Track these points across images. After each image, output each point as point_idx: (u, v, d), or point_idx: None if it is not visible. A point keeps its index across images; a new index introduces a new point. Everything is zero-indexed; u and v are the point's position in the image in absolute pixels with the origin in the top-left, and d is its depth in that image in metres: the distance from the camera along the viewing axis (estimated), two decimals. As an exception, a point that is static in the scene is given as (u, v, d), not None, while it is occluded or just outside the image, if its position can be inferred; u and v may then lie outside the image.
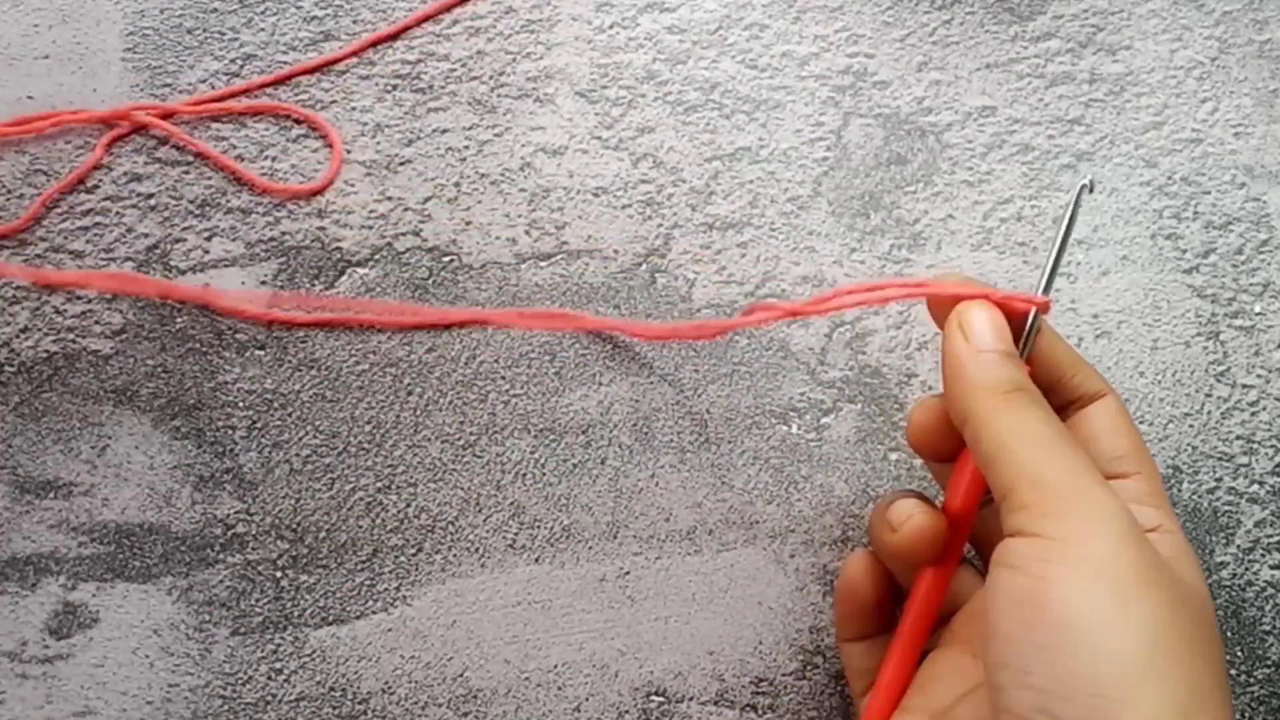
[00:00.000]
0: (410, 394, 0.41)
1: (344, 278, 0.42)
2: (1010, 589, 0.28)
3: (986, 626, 0.28)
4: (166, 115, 0.44)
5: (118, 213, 0.43)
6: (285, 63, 0.45)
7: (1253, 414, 0.43)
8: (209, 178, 0.43)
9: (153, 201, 0.43)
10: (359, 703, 0.38)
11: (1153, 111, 0.47)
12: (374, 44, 0.46)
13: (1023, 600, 0.27)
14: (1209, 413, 0.43)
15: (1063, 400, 0.34)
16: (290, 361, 0.41)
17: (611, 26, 0.47)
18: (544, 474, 0.41)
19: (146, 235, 0.43)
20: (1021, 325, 0.33)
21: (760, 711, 0.39)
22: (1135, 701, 0.25)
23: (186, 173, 0.44)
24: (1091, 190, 0.35)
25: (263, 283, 0.42)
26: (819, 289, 0.44)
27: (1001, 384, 0.31)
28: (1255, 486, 0.42)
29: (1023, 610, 0.27)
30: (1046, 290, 0.34)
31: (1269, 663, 0.40)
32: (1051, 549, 0.27)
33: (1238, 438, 0.43)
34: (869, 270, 0.44)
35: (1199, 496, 0.42)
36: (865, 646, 0.36)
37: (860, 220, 0.45)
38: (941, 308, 0.34)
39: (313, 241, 0.43)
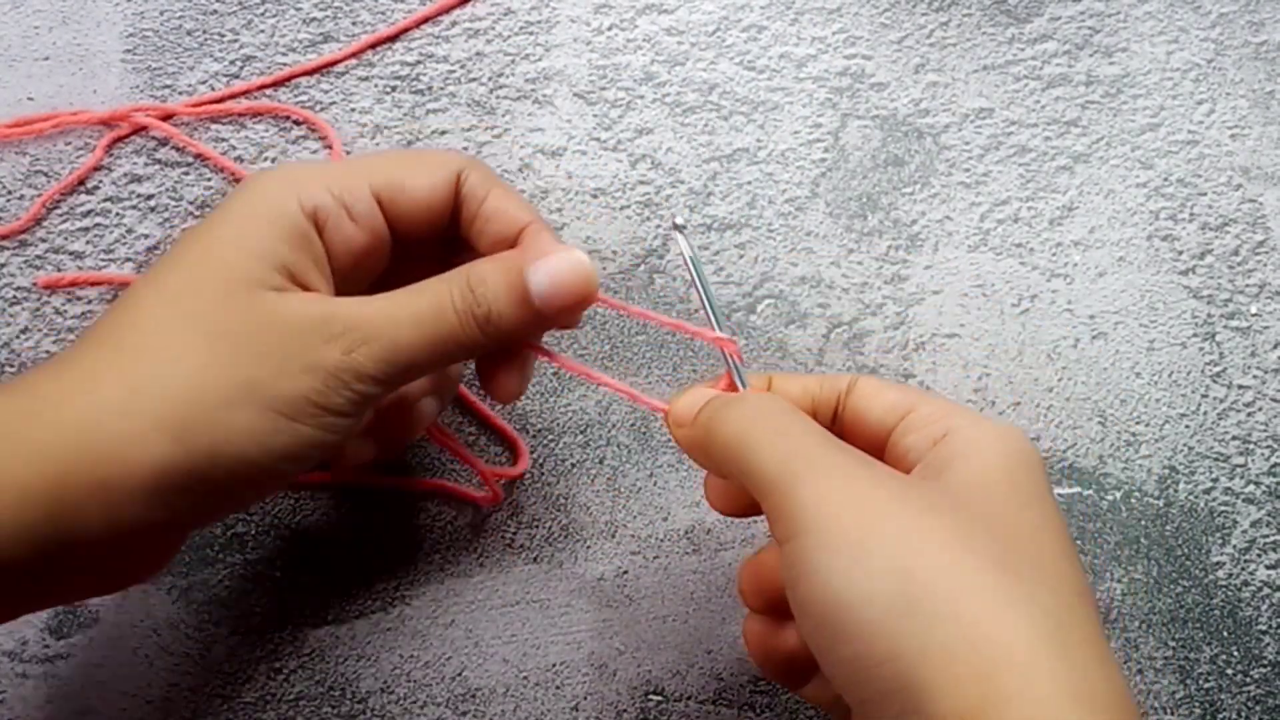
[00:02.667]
0: (409, 394, 0.41)
1: (343, 278, 0.42)
2: (794, 607, 0.27)
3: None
4: (166, 116, 0.44)
5: (118, 214, 0.43)
6: (285, 64, 0.45)
7: (1249, 414, 0.43)
8: (209, 179, 0.44)
9: (153, 202, 0.43)
10: (358, 701, 0.38)
11: (1149, 113, 0.47)
12: (373, 45, 0.46)
13: (802, 613, 0.27)
14: (1205, 413, 0.43)
15: (835, 404, 0.33)
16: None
17: (610, 28, 0.47)
18: (543, 474, 0.41)
19: (147, 236, 0.43)
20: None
21: (758, 710, 0.39)
22: (901, 655, 0.25)
23: (186, 174, 0.44)
24: (682, 230, 0.35)
25: (262, 283, 0.42)
26: (817, 289, 0.44)
27: (721, 413, 0.31)
28: (1251, 487, 0.42)
29: (806, 622, 0.27)
30: (719, 327, 0.34)
31: (1265, 662, 0.40)
32: (792, 552, 0.27)
33: (1234, 438, 0.43)
34: (866, 271, 0.44)
35: (1195, 497, 0.42)
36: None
37: (858, 221, 0.45)
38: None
39: (312, 242, 0.43)
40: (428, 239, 0.34)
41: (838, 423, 0.33)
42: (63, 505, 0.28)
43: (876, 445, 0.31)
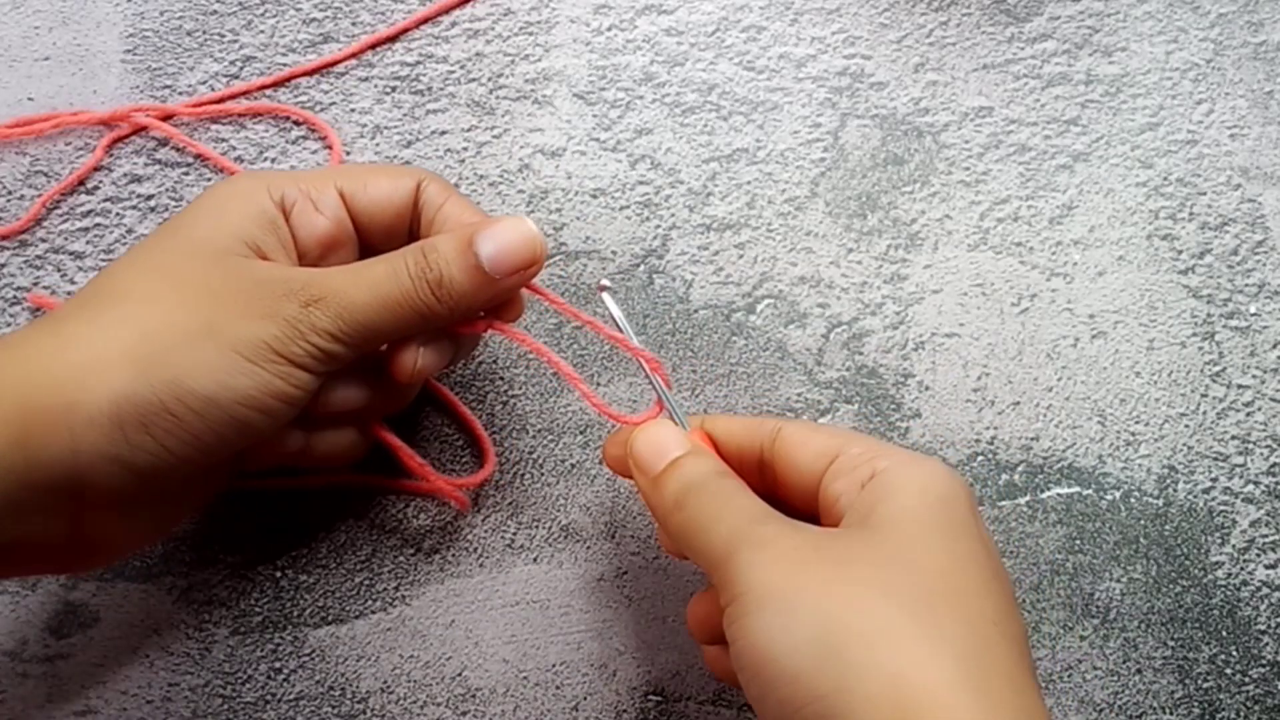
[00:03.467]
0: (409, 394, 0.41)
1: (343, 279, 0.42)
2: (734, 660, 0.29)
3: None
4: (166, 117, 0.44)
5: (118, 214, 0.43)
6: (285, 64, 0.46)
7: (1248, 414, 0.43)
8: (209, 179, 0.44)
9: (153, 203, 0.43)
10: (358, 702, 0.38)
11: (1148, 113, 0.47)
12: (373, 46, 0.46)
13: (738, 664, 0.29)
14: (1204, 413, 0.43)
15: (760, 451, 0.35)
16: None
17: (609, 29, 0.47)
18: (542, 474, 0.41)
19: (146, 236, 0.43)
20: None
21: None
22: (824, 696, 0.26)
23: (186, 174, 0.44)
24: (613, 292, 0.37)
25: (262, 284, 0.42)
26: (816, 289, 0.44)
27: (674, 496, 0.32)
28: (1250, 486, 0.42)
29: (742, 674, 0.28)
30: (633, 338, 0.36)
31: (1264, 662, 0.40)
32: (731, 611, 0.29)
33: (1233, 438, 0.43)
34: (866, 270, 0.44)
35: (1194, 496, 0.42)
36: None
37: (857, 220, 0.45)
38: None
39: (312, 242, 0.43)
40: (391, 241, 0.36)
41: (768, 470, 0.34)
42: (28, 432, 0.29)
43: (809, 491, 0.33)
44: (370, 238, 0.36)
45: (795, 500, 0.33)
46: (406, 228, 0.37)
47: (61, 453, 0.29)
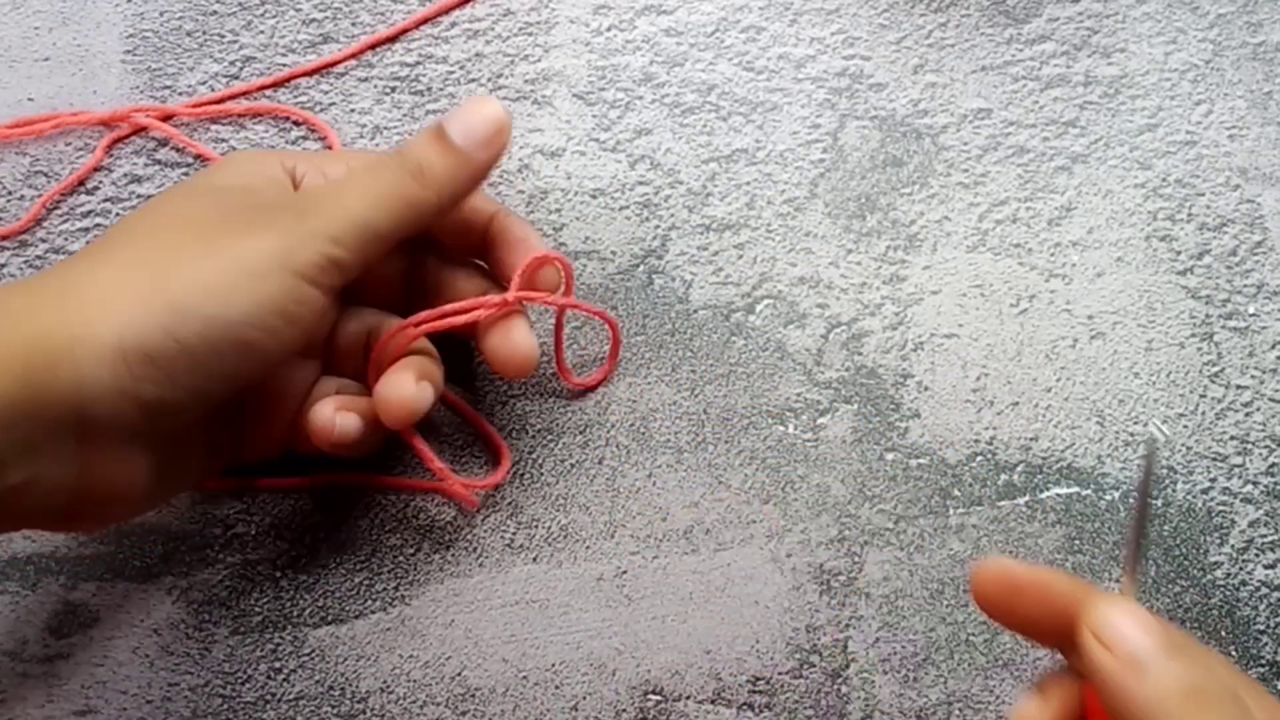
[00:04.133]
0: (409, 394, 0.41)
1: (343, 279, 0.43)
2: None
3: None
4: (166, 117, 0.44)
5: (118, 214, 0.43)
6: (284, 65, 0.46)
7: (1247, 415, 0.43)
8: (209, 179, 0.44)
9: (153, 203, 0.43)
10: (357, 701, 0.38)
11: (1147, 114, 0.47)
12: (373, 46, 0.46)
13: None
14: (1203, 413, 0.43)
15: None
16: (289, 362, 0.41)
17: (609, 29, 0.47)
18: (541, 474, 0.41)
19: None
20: None
21: (757, 710, 0.39)
22: None
23: (186, 174, 0.44)
24: (1166, 440, 0.32)
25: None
26: (815, 289, 0.44)
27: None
28: (1249, 487, 0.43)
29: None
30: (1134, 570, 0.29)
31: (1263, 661, 0.40)
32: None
33: (1232, 438, 0.43)
34: (865, 271, 0.44)
35: (1193, 497, 0.42)
36: None
37: (856, 222, 0.45)
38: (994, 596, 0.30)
39: (312, 243, 0.43)
40: None
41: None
42: (34, 368, 0.29)
43: None
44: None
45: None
46: None
47: (67, 388, 0.29)
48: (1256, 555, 0.42)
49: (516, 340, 0.37)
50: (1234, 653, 0.41)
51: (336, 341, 0.38)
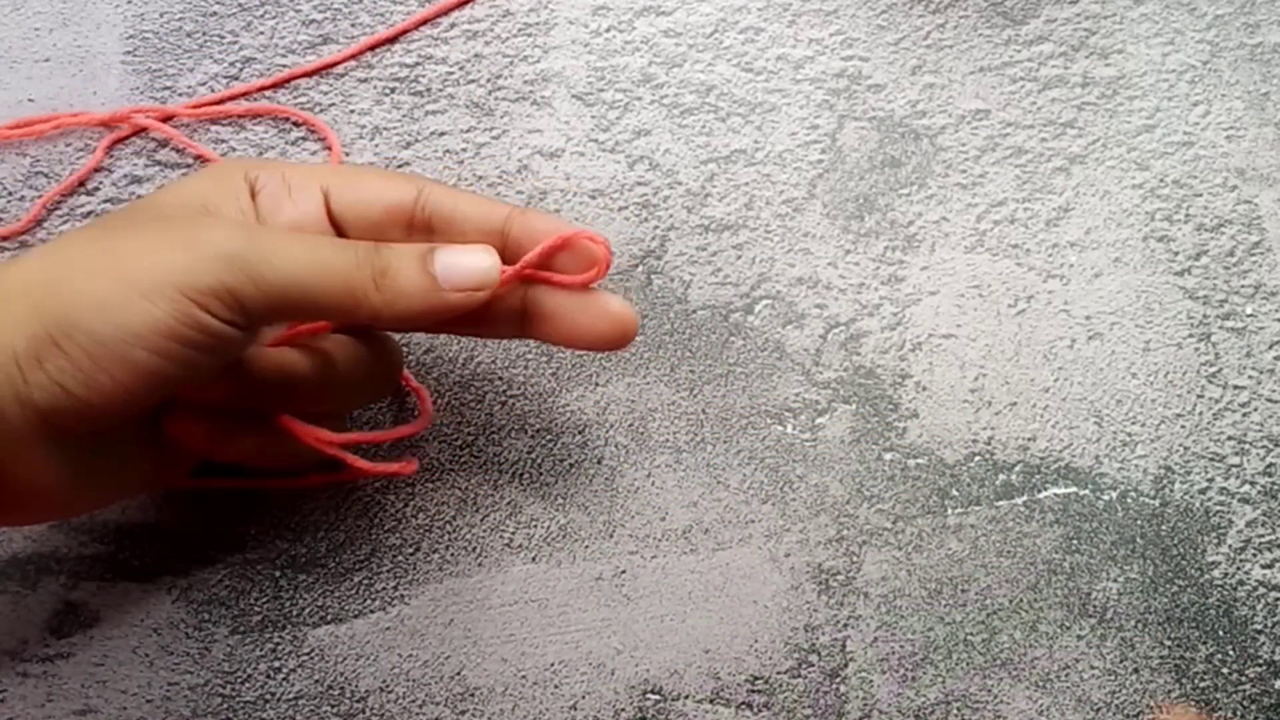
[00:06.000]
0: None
1: (342, 279, 0.43)
2: None
3: None
4: (166, 118, 0.44)
5: (118, 215, 0.43)
6: (284, 66, 0.46)
7: (1244, 415, 0.44)
8: (208, 180, 0.44)
9: (152, 203, 0.43)
10: (357, 701, 0.38)
11: (1145, 115, 0.47)
12: (372, 47, 0.46)
13: None
14: (1201, 414, 0.43)
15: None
16: (289, 362, 0.41)
17: (608, 30, 0.47)
18: (541, 473, 0.41)
19: (146, 237, 0.43)
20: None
21: (755, 709, 0.39)
22: None
23: (186, 175, 0.44)
24: None
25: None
26: (814, 290, 0.44)
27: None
28: (1246, 487, 0.43)
29: None
30: None
31: (1261, 661, 0.40)
32: None
33: (1229, 438, 0.43)
34: (863, 272, 0.44)
35: (1191, 497, 0.42)
36: None
37: (855, 222, 0.45)
38: None
39: (311, 243, 0.43)
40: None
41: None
42: None
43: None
44: (361, 233, 0.35)
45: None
46: (403, 238, 0.35)
47: None
48: (1254, 555, 0.42)
49: (609, 305, 0.36)
50: (1231, 652, 0.41)
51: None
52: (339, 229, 0.35)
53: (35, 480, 0.30)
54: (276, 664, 0.38)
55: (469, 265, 0.33)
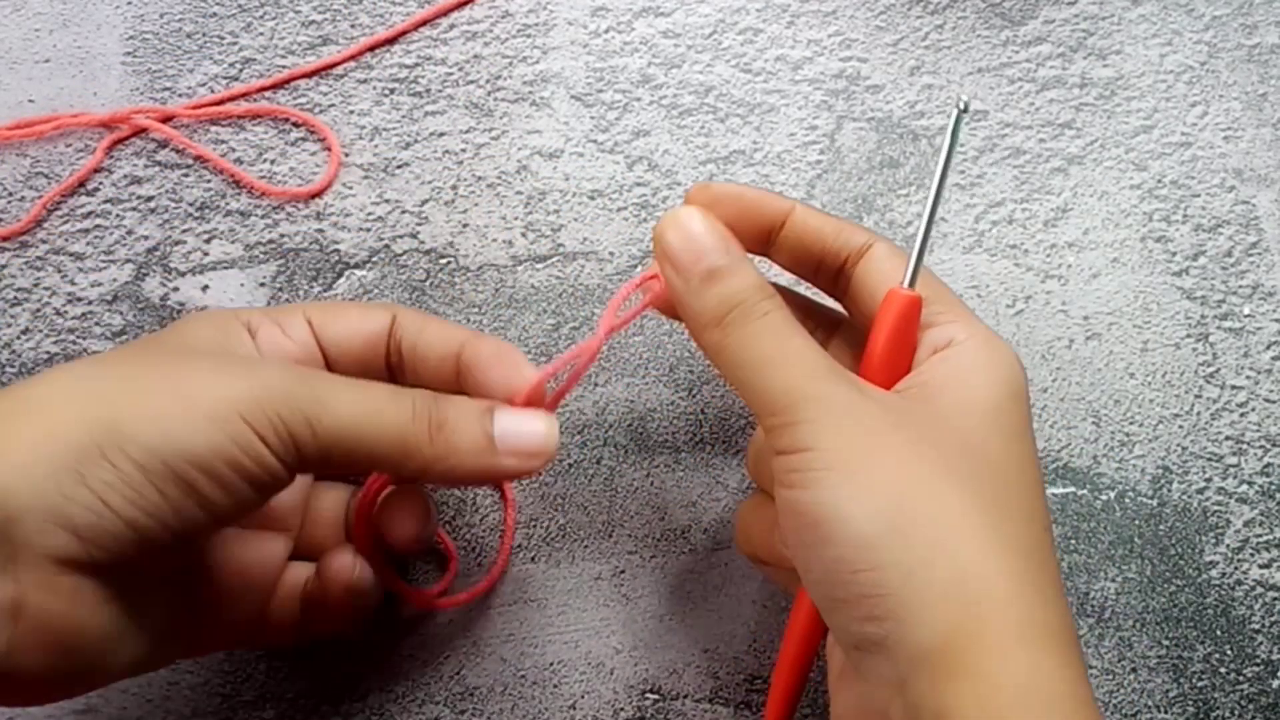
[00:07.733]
0: (408, 395, 0.42)
1: (342, 280, 0.43)
2: (782, 503, 0.29)
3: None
4: (166, 119, 0.45)
5: (118, 215, 0.43)
6: (284, 66, 0.46)
7: (1242, 415, 0.44)
8: (208, 180, 0.44)
9: (153, 204, 0.43)
10: (356, 700, 0.38)
11: (1143, 115, 0.48)
12: (372, 48, 0.46)
13: (789, 510, 0.29)
14: (1199, 414, 0.44)
15: (836, 263, 0.35)
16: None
17: (607, 31, 0.47)
18: (541, 474, 0.41)
19: (146, 237, 0.43)
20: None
21: (754, 709, 0.39)
22: (885, 567, 0.27)
23: (186, 175, 0.44)
24: (966, 110, 0.34)
25: (261, 284, 0.42)
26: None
27: (715, 311, 0.31)
28: (1244, 487, 0.43)
29: (792, 519, 0.29)
30: (929, 222, 0.34)
31: (1258, 660, 0.41)
32: (794, 460, 0.29)
33: (1227, 438, 0.43)
34: (862, 272, 0.44)
35: (1189, 496, 0.42)
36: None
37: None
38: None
39: (311, 244, 0.43)
40: (365, 376, 0.33)
41: (776, 251, 0.35)
42: None
43: (827, 274, 0.35)
44: (343, 371, 0.34)
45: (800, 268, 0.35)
46: (382, 364, 0.35)
47: None
48: (1252, 555, 0.42)
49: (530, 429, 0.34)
50: (1229, 651, 0.41)
51: (311, 516, 0.37)
52: (327, 360, 0.34)
53: (68, 618, 0.27)
54: (276, 663, 0.38)
55: (528, 432, 0.33)
